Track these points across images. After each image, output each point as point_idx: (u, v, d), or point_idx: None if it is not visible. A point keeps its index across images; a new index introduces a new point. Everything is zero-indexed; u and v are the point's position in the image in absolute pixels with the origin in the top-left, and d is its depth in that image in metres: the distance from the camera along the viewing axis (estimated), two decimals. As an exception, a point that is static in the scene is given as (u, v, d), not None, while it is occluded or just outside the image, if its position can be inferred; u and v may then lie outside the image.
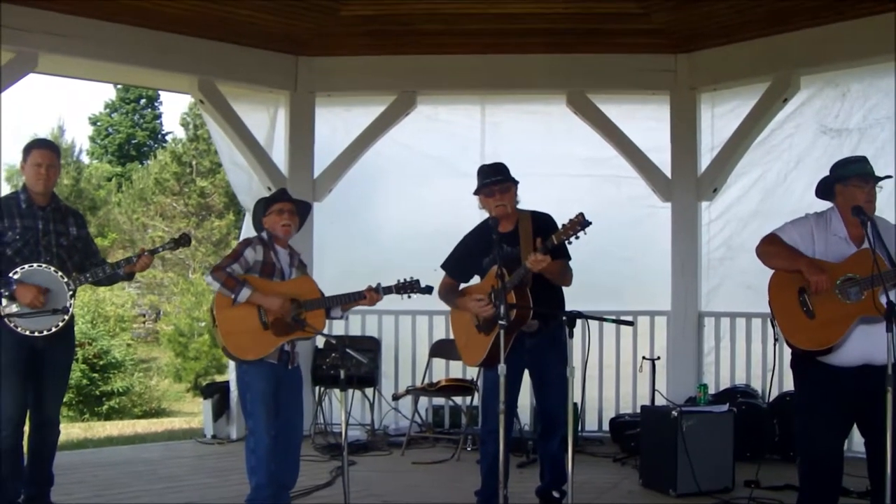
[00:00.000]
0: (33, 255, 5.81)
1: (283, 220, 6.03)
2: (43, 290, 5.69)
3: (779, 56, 8.49)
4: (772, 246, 5.37)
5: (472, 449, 8.40)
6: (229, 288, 5.73)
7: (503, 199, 6.00)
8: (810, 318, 5.15)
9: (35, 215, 5.92)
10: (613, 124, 9.17)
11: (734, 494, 6.76)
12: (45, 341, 5.77)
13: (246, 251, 5.88)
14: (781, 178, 8.88)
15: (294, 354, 6.09)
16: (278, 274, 5.99)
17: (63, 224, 6.07)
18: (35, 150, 6.00)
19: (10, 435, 5.76)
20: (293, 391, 6.13)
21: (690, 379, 8.93)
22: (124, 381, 24.14)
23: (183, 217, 36.82)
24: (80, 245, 6.17)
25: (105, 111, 55.07)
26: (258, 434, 5.90)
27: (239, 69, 9.08)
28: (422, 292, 6.26)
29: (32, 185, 5.95)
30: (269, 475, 5.92)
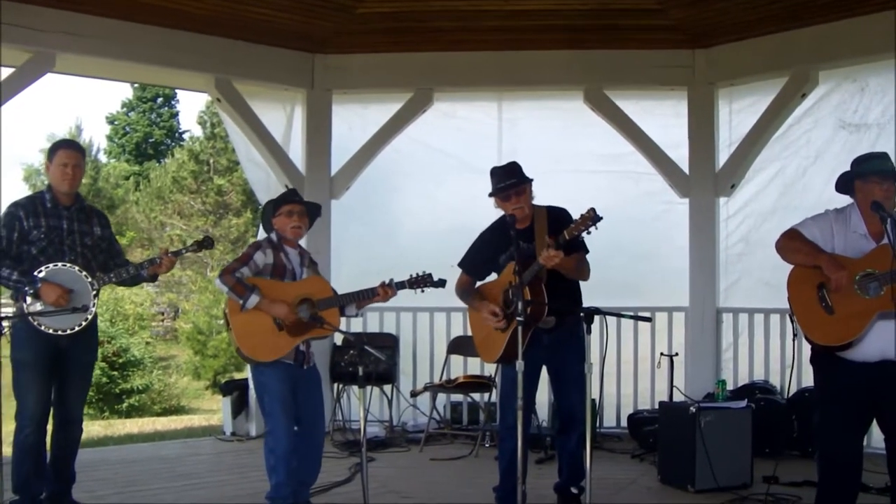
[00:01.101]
0: (58, 255, 5.84)
1: (292, 223, 6.03)
2: (67, 289, 5.71)
3: (797, 51, 8.45)
4: (792, 241, 5.36)
5: (490, 445, 8.41)
6: (238, 294, 5.76)
7: (520, 202, 5.98)
8: (829, 314, 5.13)
9: (60, 215, 5.95)
10: (631, 120, 9.15)
11: (752, 490, 6.74)
12: (69, 340, 5.79)
13: (256, 255, 5.90)
14: (800, 173, 8.86)
15: (309, 354, 6.11)
16: (289, 275, 6.01)
17: (87, 224, 6.09)
18: (61, 150, 6.04)
19: (32, 432, 5.78)
20: (312, 390, 6.15)
21: (709, 375, 8.91)
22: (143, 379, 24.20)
23: (200, 215, 36.91)
24: (105, 245, 6.20)
25: (122, 110, 55.23)
26: (277, 434, 5.92)
27: (256, 67, 9.09)
28: (434, 286, 6.27)
29: (58, 184, 5.98)
30: (289, 473, 5.94)
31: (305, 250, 6.27)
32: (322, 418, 6.31)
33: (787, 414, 8.00)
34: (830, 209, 5.42)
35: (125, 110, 55.13)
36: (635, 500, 6.71)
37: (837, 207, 5.37)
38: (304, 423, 6.06)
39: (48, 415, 5.91)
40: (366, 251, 9.70)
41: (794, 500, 6.43)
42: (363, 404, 5.44)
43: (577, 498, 6.14)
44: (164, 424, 16.75)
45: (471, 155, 9.50)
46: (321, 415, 6.29)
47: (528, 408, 6.12)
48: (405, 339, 9.63)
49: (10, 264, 5.72)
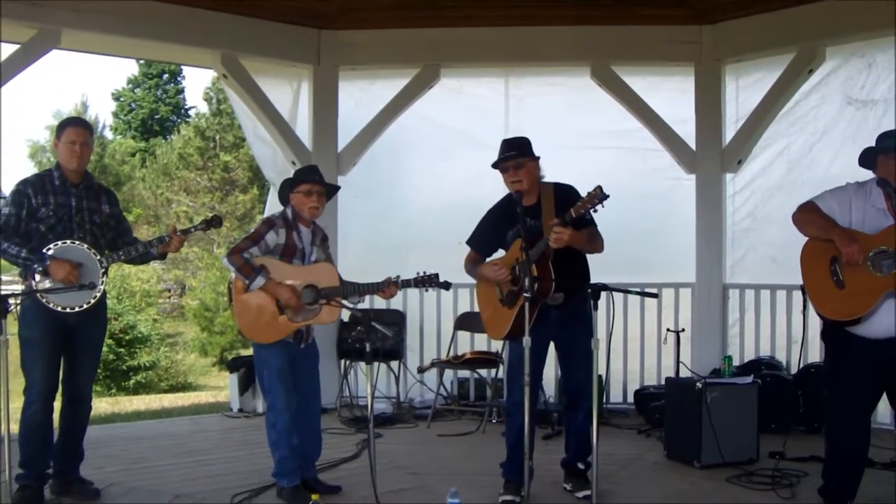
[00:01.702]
0: (66, 232, 5.84)
1: (311, 203, 6.05)
2: (76, 265, 5.72)
3: (804, 27, 8.41)
4: (808, 214, 5.36)
5: (497, 421, 8.44)
6: (244, 274, 5.82)
7: (518, 175, 5.95)
8: (840, 289, 5.15)
9: (68, 192, 5.95)
10: (638, 96, 9.13)
11: (759, 465, 6.76)
12: (77, 317, 5.80)
13: (268, 235, 5.93)
14: (807, 149, 8.84)
15: (309, 332, 6.16)
16: (299, 255, 6.06)
17: (96, 202, 6.09)
18: (69, 127, 6.03)
19: (39, 409, 5.80)
20: (308, 365, 6.23)
21: (715, 351, 8.93)
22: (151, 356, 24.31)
23: (207, 192, 36.92)
24: (113, 223, 6.19)
25: (128, 87, 55.29)
26: (277, 409, 6.00)
27: (262, 43, 9.07)
28: (440, 286, 6.29)
29: (66, 162, 5.98)
30: (291, 448, 6.00)
31: (319, 227, 6.28)
32: (318, 394, 6.37)
33: (793, 390, 8.01)
34: (852, 182, 5.39)
35: (131, 87, 55.18)
36: (641, 475, 6.73)
37: (859, 181, 5.33)
38: (300, 399, 6.10)
39: (55, 392, 5.93)
40: (373, 227, 9.72)
41: (800, 475, 6.43)
42: (370, 381, 5.47)
43: (583, 473, 6.16)
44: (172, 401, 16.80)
45: (478, 131, 9.50)
46: (317, 391, 6.35)
47: (536, 384, 6.12)
48: (412, 315, 9.64)
49: (19, 242, 5.74)
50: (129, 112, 54.72)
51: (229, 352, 26.03)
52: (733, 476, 6.50)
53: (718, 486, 6.37)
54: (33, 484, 5.87)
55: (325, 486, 6.24)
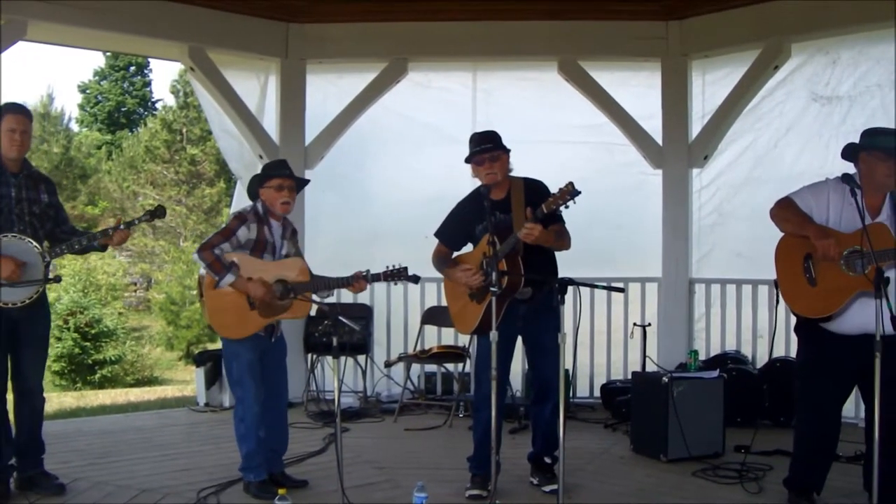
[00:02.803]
0: (7, 224, 5.71)
1: (282, 198, 6.04)
2: (20, 262, 5.61)
3: (770, 23, 8.46)
4: (784, 210, 5.39)
5: (465, 415, 8.46)
6: (215, 271, 5.80)
7: (493, 168, 5.97)
8: (811, 286, 5.19)
9: (8, 182, 5.80)
10: (605, 91, 9.16)
11: (724, 459, 6.81)
12: (20, 312, 5.71)
13: (239, 230, 5.92)
14: (772, 144, 8.90)
15: (278, 326, 6.16)
16: (270, 249, 6.04)
17: (35, 191, 5.96)
18: (9, 114, 5.83)
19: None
20: (276, 359, 6.23)
21: (681, 345, 8.98)
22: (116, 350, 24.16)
23: (174, 185, 36.72)
24: (52, 212, 6.06)
25: (94, 79, 54.85)
26: (247, 403, 6.00)
27: (229, 36, 9.03)
28: (409, 280, 6.26)
29: (6, 151, 5.81)
30: (258, 442, 6.00)
31: (289, 221, 6.27)
32: (285, 388, 6.38)
33: (759, 384, 8.06)
34: (831, 178, 5.42)
35: (97, 79, 54.75)
36: (608, 469, 6.75)
37: (838, 176, 5.33)
38: (267, 391, 6.10)
39: (5, 386, 5.87)
40: (341, 221, 9.69)
41: (765, 468, 6.48)
42: (337, 375, 5.45)
43: (550, 467, 6.18)
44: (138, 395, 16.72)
45: (446, 125, 9.50)
46: (285, 384, 6.36)
47: (503, 378, 6.14)
48: (379, 309, 9.64)
49: None
50: (95, 104, 54.29)
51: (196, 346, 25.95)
52: (699, 470, 6.54)
53: (685, 479, 6.40)
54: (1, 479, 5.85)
55: (292, 480, 6.23)
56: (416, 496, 5.23)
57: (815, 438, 5.44)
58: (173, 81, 40.01)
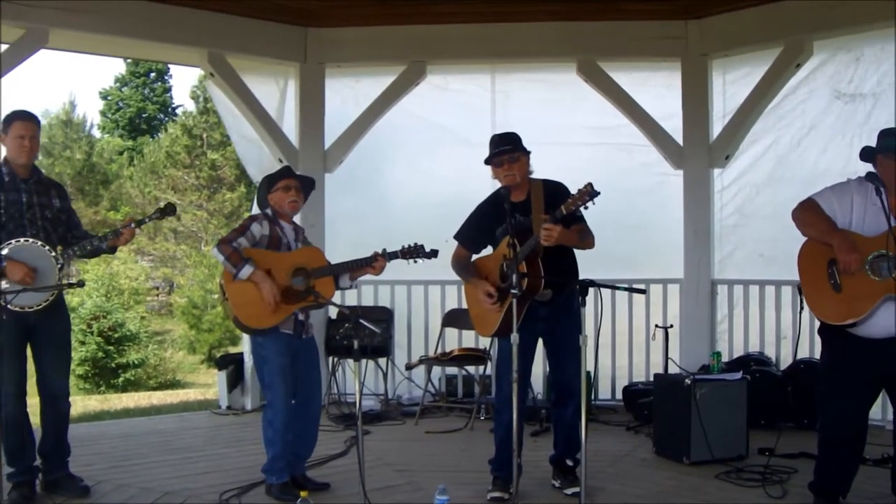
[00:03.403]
0: (18, 230, 5.75)
1: (289, 197, 6.10)
2: (32, 267, 5.64)
3: (791, 21, 8.40)
4: (808, 213, 5.30)
5: (486, 418, 8.44)
6: (233, 263, 5.82)
7: (512, 169, 5.96)
8: (836, 292, 5.12)
9: (18, 188, 5.85)
10: (624, 92, 9.11)
11: (748, 462, 6.77)
12: (37, 315, 5.75)
13: (252, 226, 5.97)
14: (794, 144, 8.84)
15: (308, 325, 6.17)
16: (284, 247, 6.10)
17: (46, 196, 6.01)
18: (17, 121, 5.89)
19: (13, 409, 5.76)
20: (309, 362, 6.22)
21: (703, 347, 8.93)
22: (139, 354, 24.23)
23: (195, 190, 36.81)
24: (64, 217, 6.11)
25: (115, 85, 55.18)
26: (276, 406, 6.02)
27: (248, 42, 9.04)
28: (426, 256, 6.26)
29: (15, 157, 5.87)
30: (285, 445, 6.01)
31: (300, 226, 6.32)
32: (319, 391, 6.38)
33: (783, 386, 8.01)
34: (853, 178, 5.34)
35: (118, 85, 55.07)
36: (630, 472, 6.72)
37: (861, 176, 5.28)
38: (300, 396, 6.13)
39: (25, 388, 5.88)
40: (360, 224, 9.69)
41: (789, 471, 6.44)
42: (358, 378, 5.45)
43: (572, 470, 6.16)
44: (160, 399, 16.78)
45: (464, 128, 9.50)
46: (318, 388, 6.35)
47: (524, 380, 6.12)
48: (400, 312, 9.64)
49: None
50: (116, 111, 54.59)
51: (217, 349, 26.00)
52: (722, 473, 6.51)
53: (708, 482, 6.37)
54: (25, 479, 5.91)
55: (313, 483, 6.24)
56: (438, 499, 5.22)
57: (841, 442, 5.37)
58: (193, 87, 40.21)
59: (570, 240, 5.78)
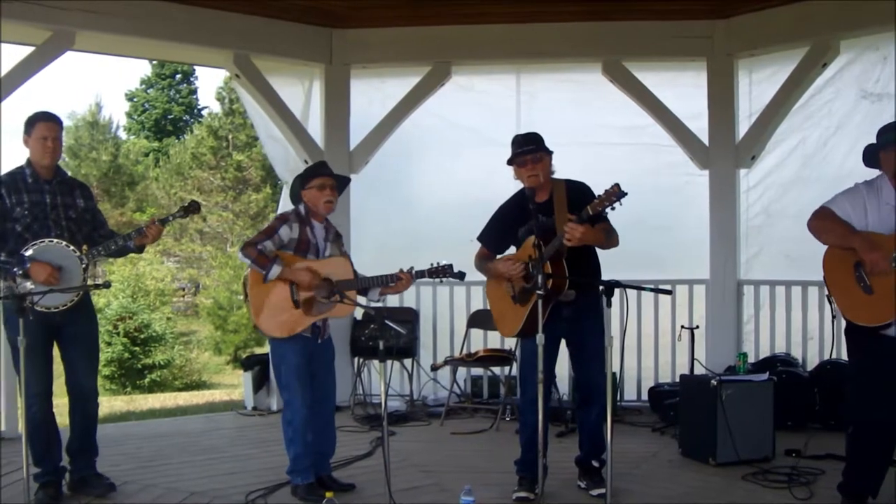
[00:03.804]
0: (43, 230, 5.79)
1: (325, 197, 6.07)
2: (56, 267, 5.67)
3: (817, 20, 8.36)
4: (824, 221, 5.28)
5: (511, 419, 8.43)
6: (260, 265, 5.83)
7: (535, 170, 5.94)
8: (868, 294, 5.08)
9: (42, 189, 5.88)
10: (650, 92, 9.09)
11: (774, 463, 6.73)
12: (63, 316, 5.78)
13: (281, 229, 5.96)
14: (821, 143, 8.79)
15: (325, 328, 6.17)
16: (313, 250, 6.07)
17: (70, 196, 6.03)
18: (39, 122, 5.92)
19: (39, 409, 5.81)
20: (325, 362, 6.24)
21: (730, 348, 8.88)
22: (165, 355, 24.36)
23: (220, 191, 36.98)
24: (89, 216, 6.14)
25: (141, 87, 55.52)
26: (294, 406, 6.03)
27: (274, 43, 9.07)
28: (454, 276, 6.22)
29: (38, 158, 5.90)
30: (306, 445, 6.02)
31: (331, 224, 6.30)
32: (333, 391, 6.40)
33: (810, 387, 7.96)
34: (861, 182, 5.32)
35: (144, 87, 55.41)
36: (656, 473, 6.70)
37: (867, 180, 5.26)
38: (315, 395, 6.12)
39: (51, 388, 5.93)
40: (385, 225, 9.72)
41: (816, 472, 6.39)
42: (384, 378, 5.45)
43: (598, 471, 6.13)
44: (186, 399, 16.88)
45: (489, 128, 9.48)
46: (333, 387, 6.37)
47: (549, 381, 6.11)
48: (425, 313, 9.64)
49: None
50: (142, 112, 54.92)
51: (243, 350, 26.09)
52: (749, 474, 6.47)
53: (734, 483, 6.33)
54: (51, 479, 5.94)
55: (339, 483, 6.25)
56: (463, 499, 5.22)
57: (870, 443, 5.33)
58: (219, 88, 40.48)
59: (597, 239, 5.77)
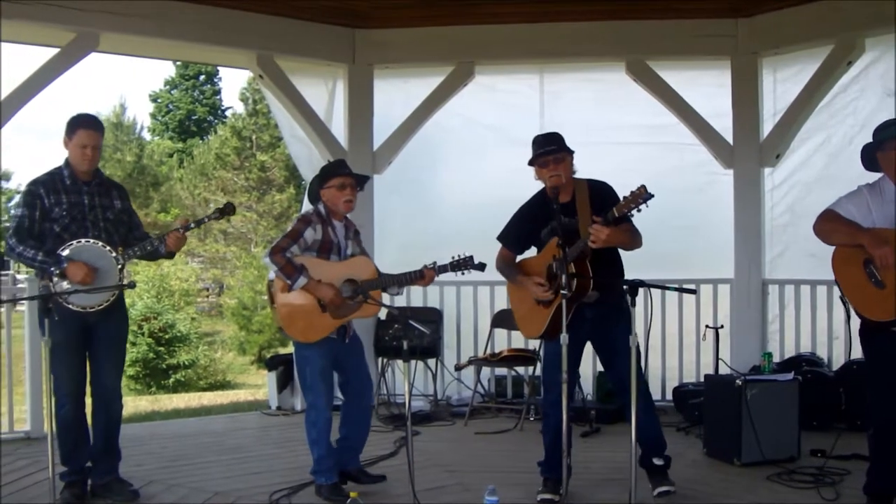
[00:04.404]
0: (81, 231, 5.82)
1: (345, 196, 6.10)
2: (93, 267, 5.69)
3: (842, 18, 8.30)
4: (829, 222, 5.31)
5: (535, 419, 8.42)
6: (286, 274, 5.85)
7: (557, 170, 5.90)
8: (880, 289, 5.07)
9: (80, 191, 5.92)
10: (674, 91, 9.06)
11: (800, 464, 6.70)
12: (97, 316, 5.81)
13: (306, 231, 5.98)
14: (846, 142, 8.73)
15: (350, 326, 6.19)
16: (335, 250, 6.10)
17: (108, 198, 6.06)
18: (81, 129, 5.93)
19: (71, 408, 5.85)
20: (355, 359, 6.27)
21: (755, 347, 8.84)
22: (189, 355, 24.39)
23: (244, 191, 37.07)
24: (125, 218, 6.16)
25: (165, 88, 55.84)
26: (319, 407, 6.07)
27: (297, 43, 9.09)
28: (476, 268, 6.26)
29: (77, 164, 5.93)
30: (330, 446, 6.09)
31: (351, 221, 6.33)
32: (368, 383, 6.42)
33: (835, 386, 7.92)
34: (863, 185, 5.36)
35: (168, 88, 55.71)
36: (681, 473, 6.65)
37: (869, 183, 5.30)
38: (351, 390, 6.17)
39: (84, 389, 5.97)
40: (409, 225, 9.74)
41: (842, 473, 6.36)
42: (408, 378, 5.46)
43: (659, 469, 6.05)
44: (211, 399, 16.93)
45: (513, 128, 9.48)
46: (367, 380, 6.41)
47: (573, 382, 6.09)
48: (449, 312, 9.64)
49: (34, 244, 5.73)
50: (166, 113, 55.22)
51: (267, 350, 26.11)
52: (774, 474, 6.44)
53: (759, 484, 6.31)
54: (77, 479, 5.97)
55: (370, 476, 6.32)
56: (487, 499, 5.22)
57: (892, 443, 5.31)
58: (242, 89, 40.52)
59: (622, 241, 5.75)
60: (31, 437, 7.85)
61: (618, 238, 5.64)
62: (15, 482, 6.48)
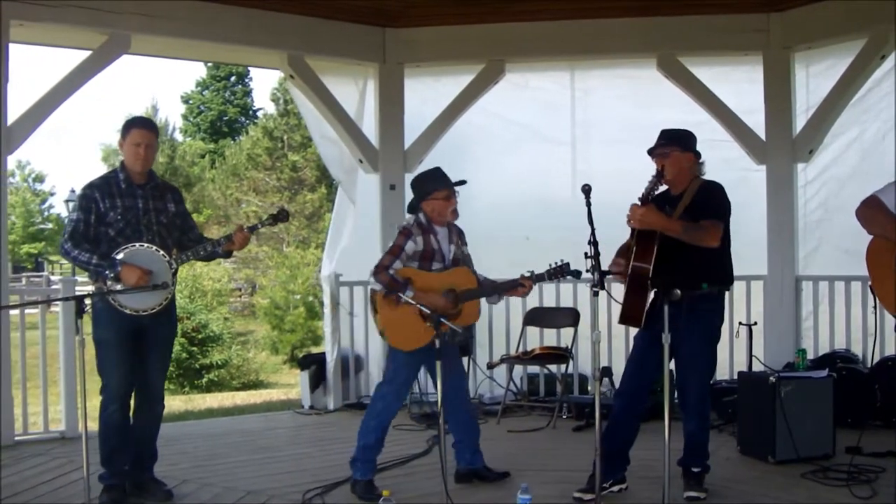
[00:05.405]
0: (135, 235, 5.84)
1: (451, 206, 6.27)
2: (147, 270, 5.71)
3: (875, 12, 8.21)
4: (870, 210, 5.28)
5: (568, 417, 8.41)
6: (393, 290, 5.96)
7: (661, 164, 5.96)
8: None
9: (135, 194, 5.93)
10: (705, 87, 9.01)
11: (835, 461, 6.64)
12: (149, 318, 5.83)
13: (407, 245, 6.10)
14: (880, 137, 8.68)
15: None
16: (438, 257, 6.21)
17: (162, 201, 6.07)
18: (134, 129, 5.97)
19: (117, 409, 5.88)
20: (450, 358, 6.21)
21: (788, 344, 8.79)
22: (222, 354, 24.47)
23: (276, 191, 37.22)
24: (179, 221, 6.17)
25: (196, 89, 56.13)
26: (389, 400, 6.24)
27: (327, 43, 9.12)
28: (572, 275, 6.27)
29: (131, 164, 5.95)
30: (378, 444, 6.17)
31: (453, 225, 6.41)
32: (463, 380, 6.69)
33: (870, 383, 7.86)
34: None
35: (199, 89, 55.99)
36: (715, 471, 6.59)
37: None
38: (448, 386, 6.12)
39: (131, 391, 5.99)
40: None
41: (877, 470, 6.31)
42: (440, 377, 5.45)
43: (694, 475, 5.97)
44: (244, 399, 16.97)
45: (544, 125, 9.48)
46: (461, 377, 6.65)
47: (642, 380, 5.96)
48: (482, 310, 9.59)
49: (89, 248, 5.75)
50: (198, 114, 55.51)
51: (300, 349, 26.17)
52: (808, 472, 6.40)
53: (793, 481, 6.26)
54: (117, 483, 5.97)
55: (494, 472, 6.43)
56: (520, 497, 5.22)
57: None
58: (273, 90, 40.73)
59: (666, 227, 5.64)
60: (66, 436, 7.91)
61: (660, 222, 5.60)
62: (49, 482, 6.52)
